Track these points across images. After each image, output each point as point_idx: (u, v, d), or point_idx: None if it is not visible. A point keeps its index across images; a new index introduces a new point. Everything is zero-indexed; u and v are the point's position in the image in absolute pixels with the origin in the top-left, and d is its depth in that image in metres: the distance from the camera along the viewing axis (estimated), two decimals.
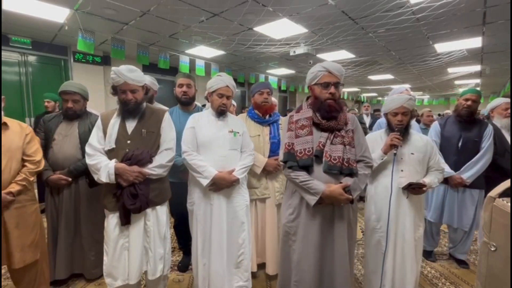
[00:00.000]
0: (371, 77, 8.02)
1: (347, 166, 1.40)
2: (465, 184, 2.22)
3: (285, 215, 1.56)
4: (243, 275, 1.81)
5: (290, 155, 1.45)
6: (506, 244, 0.96)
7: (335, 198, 1.36)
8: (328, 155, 1.41)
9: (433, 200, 2.42)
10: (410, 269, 1.71)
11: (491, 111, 2.51)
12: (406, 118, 1.73)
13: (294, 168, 1.43)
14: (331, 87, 1.44)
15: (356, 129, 1.51)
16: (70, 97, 2.02)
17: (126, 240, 1.63)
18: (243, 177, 1.79)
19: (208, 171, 1.70)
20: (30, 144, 1.73)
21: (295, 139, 1.46)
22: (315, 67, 1.49)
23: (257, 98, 2.12)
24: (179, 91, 2.19)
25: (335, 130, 1.45)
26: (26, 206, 1.70)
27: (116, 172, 1.56)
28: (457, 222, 2.32)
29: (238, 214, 1.79)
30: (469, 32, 4.12)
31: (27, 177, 1.67)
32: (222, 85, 1.78)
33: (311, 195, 1.39)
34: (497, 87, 9.75)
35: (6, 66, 4.44)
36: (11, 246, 1.61)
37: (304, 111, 1.54)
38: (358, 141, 1.49)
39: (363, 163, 1.48)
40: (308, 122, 1.48)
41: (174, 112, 2.22)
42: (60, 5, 3.25)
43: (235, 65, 6.64)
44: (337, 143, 1.43)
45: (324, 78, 1.45)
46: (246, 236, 1.82)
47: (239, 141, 1.83)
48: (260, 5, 3.22)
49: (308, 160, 1.41)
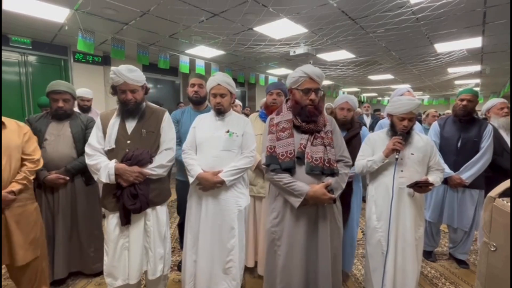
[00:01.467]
0: (371, 77, 8.02)
1: (328, 167, 1.43)
2: (464, 184, 2.22)
3: (269, 219, 1.56)
4: (231, 283, 1.73)
5: (273, 158, 1.46)
6: (506, 244, 0.96)
7: (318, 198, 1.38)
8: (310, 156, 1.43)
9: (432, 200, 2.42)
10: (411, 269, 1.71)
11: (487, 111, 2.52)
12: (411, 124, 1.74)
13: (277, 170, 1.44)
14: (311, 93, 1.45)
15: (334, 130, 1.55)
16: (61, 96, 2.00)
17: (126, 240, 1.63)
18: (232, 179, 1.70)
19: (194, 169, 1.70)
20: (29, 143, 1.73)
21: (276, 142, 1.48)
22: (296, 72, 1.49)
23: (267, 98, 2.17)
24: (191, 90, 2.24)
25: (315, 132, 1.48)
26: (27, 204, 1.70)
27: (116, 173, 1.56)
28: (457, 222, 2.32)
29: (226, 218, 1.72)
30: (469, 32, 4.11)
31: (28, 176, 1.68)
32: (213, 84, 1.77)
33: (295, 197, 1.40)
34: (497, 87, 9.74)
35: (6, 66, 4.43)
36: (14, 244, 1.62)
37: (284, 113, 1.55)
38: (336, 142, 1.53)
39: (343, 163, 1.52)
40: (289, 125, 1.50)
41: (186, 111, 2.27)
42: (60, 5, 3.24)
43: (235, 65, 6.64)
44: (318, 144, 1.46)
45: (305, 84, 1.47)
46: (236, 243, 1.73)
47: (235, 142, 1.78)
48: (260, 5, 3.22)
49: (290, 163, 1.43)
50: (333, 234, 1.49)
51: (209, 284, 1.72)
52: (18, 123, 1.75)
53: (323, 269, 1.44)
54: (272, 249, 1.53)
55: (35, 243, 1.73)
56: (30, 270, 1.75)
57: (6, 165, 1.60)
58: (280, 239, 1.50)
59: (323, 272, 1.43)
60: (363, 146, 1.89)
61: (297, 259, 1.44)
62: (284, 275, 1.46)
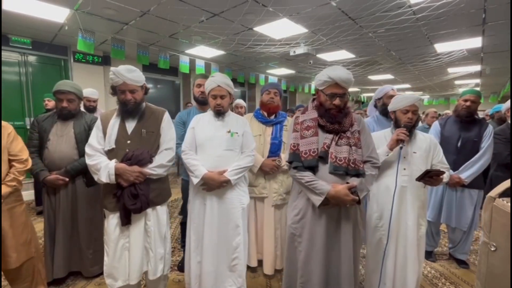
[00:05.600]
0: (371, 77, 8.02)
1: (353, 167, 1.40)
2: (463, 183, 2.22)
3: (291, 216, 1.56)
4: (237, 280, 1.77)
5: (295, 156, 1.45)
6: (506, 244, 0.96)
7: (340, 198, 1.35)
8: (334, 156, 1.41)
9: (431, 199, 2.42)
10: (412, 268, 1.71)
11: (507, 111, 2.52)
12: (415, 117, 1.73)
13: (299, 168, 1.43)
14: (336, 98, 1.42)
15: (362, 130, 1.51)
16: (65, 96, 2.01)
17: (126, 241, 1.63)
18: (237, 178, 1.74)
19: (199, 170, 1.70)
20: (14, 143, 1.67)
21: (300, 140, 1.46)
22: (323, 75, 1.43)
23: (264, 97, 2.16)
24: (197, 90, 2.25)
25: (340, 132, 1.45)
26: (16, 206, 1.68)
27: (117, 172, 1.56)
28: (455, 222, 2.32)
29: (232, 217, 1.76)
30: (469, 32, 4.11)
31: (17, 177, 1.64)
32: (213, 85, 1.77)
33: (316, 195, 1.38)
34: (497, 87, 9.74)
35: (6, 66, 4.43)
36: (7, 247, 1.61)
37: (309, 112, 1.54)
38: (364, 142, 1.49)
39: (370, 164, 1.47)
40: (313, 123, 1.48)
41: (192, 112, 2.26)
42: (60, 5, 3.24)
43: (235, 65, 6.64)
44: (343, 144, 1.43)
45: (331, 88, 1.43)
46: (241, 241, 1.77)
47: (237, 142, 1.80)
48: (260, 5, 3.22)
49: (312, 161, 1.41)
50: (355, 236, 1.48)
51: (215, 283, 1.72)
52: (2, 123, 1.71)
53: (345, 269, 1.42)
54: (292, 245, 1.54)
55: (27, 245, 1.71)
56: (26, 271, 1.74)
57: None
58: (301, 236, 1.49)
59: (345, 272, 1.42)
60: None
61: (317, 257, 1.43)
62: (305, 270, 1.46)
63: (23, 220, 1.71)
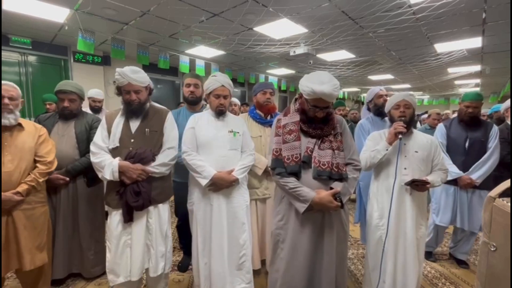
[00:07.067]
0: (371, 77, 8.01)
1: (337, 171, 1.39)
2: (474, 184, 2.20)
3: (274, 221, 1.55)
4: (245, 277, 1.79)
5: (278, 162, 1.43)
6: (506, 244, 0.96)
7: (324, 205, 1.35)
8: (317, 160, 1.39)
9: (441, 203, 2.37)
10: (412, 268, 1.70)
11: (505, 111, 2.53)
12: (408, 111, 1.75)
13: (283, 174, 1.42)
14: (318, 111, 1.40)
15: (344, 132, 1.51)
16: (66, 96, 2.02)
17: (128, 237, 1.65)
18: (242, 177, 1.78)
19: (207, 171, 1.70)
20: (43, 145, 1.74)
21: (282, 145, 1.44)
22: (307, 87, 1.35)
23: (259, 97, 2.12)
24: (186, 90, 2.21)
25: (322, 136, 1.44)
26: (36, 208, 1.70)
27: (120, 170, 1.59)
28: (468, 224, 2.29)
29: (238, 215, 1.78)
30: (469, 32, 4.12)
31: (37, 178, 1.67)
32: (217, 85, 1.77)
33: (300, 202, 1.37)
34: (497, 87, 9.74)
35: (6, 66, 4.44)
36: (21, 247, 1.61)
37: (292, 114, 1.51)
38: (346, 144, 1.49)
39: (352, 166, 1.47)
40: (296, 127, 1.46)
41: (181, 112, 2.24)
42: (60, 5, 3.25)
43: (235, 65, 6.64)
44: (326, 148, 1.42)
45: (315, 101, 1.38)
46: (247, 237, 1.80)
47: (239, 141, 1.82)
48: (260, 5, 3.22)
49: (295, 167, 1.40)
50: (339, 238, 1.47)
51: (225, 283, 1.73)
52: (35, 125, 1.77)
53: (326, 274, 1.42)
54: (275, 251, 1.53)
55: (41, 248, 1.72)
56: (37, 273, 1.77)
57: (17, 167, 1.60)
58: (284, 242, 1.48)
59: (326, 278, 1.42)
60: (367, 142, 1.89)
61: (299, 263, 1.43)
62: (286, 278, 1.45)
63: (41, 223, 1.72)
